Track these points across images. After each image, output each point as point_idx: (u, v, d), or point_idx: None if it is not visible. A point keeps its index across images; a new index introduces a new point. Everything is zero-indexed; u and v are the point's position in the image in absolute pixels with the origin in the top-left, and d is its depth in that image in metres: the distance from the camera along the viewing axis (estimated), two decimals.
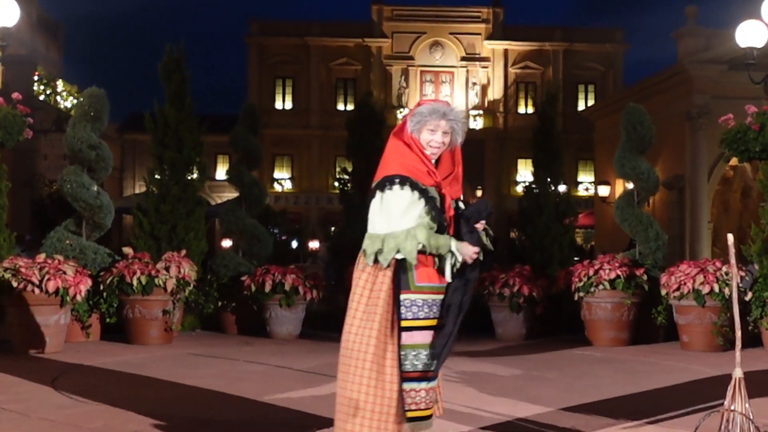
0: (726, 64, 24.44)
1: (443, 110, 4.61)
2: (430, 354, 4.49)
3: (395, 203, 4.46)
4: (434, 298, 4.53)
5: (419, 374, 4.49)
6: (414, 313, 4.48)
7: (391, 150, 4.64)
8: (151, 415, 6.32)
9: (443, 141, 4.60)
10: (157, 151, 13.35)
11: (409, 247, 4.40)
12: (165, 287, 11.17)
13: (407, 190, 4.45)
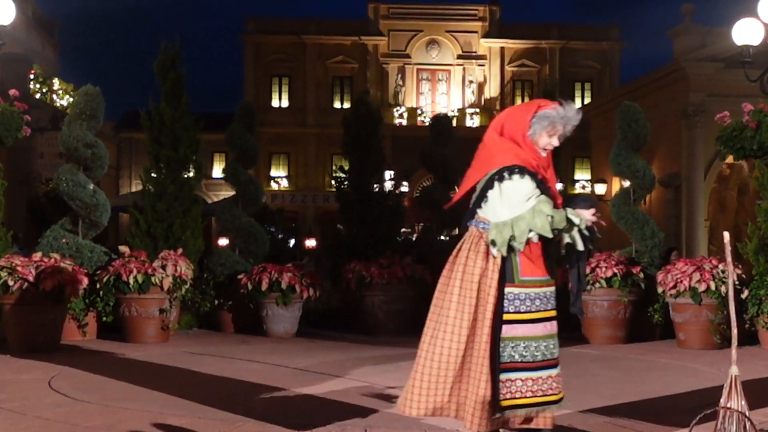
0: (722, 62, 24.47)
1: (569, 117, 4.76)
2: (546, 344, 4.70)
3: (517, 191, 4.65)
4: (537, 292, 4.72)
5: (516, 365, 4.63)
6: (516, 306, 4.66)
7: (498, 145, 4.82)
8: (147, 413, 6.32)
9: (555, 145, 4.81)
10: (153, 149, 13.34)
11: (539, 223, 4.60)
12: (161, 286, 11.16)
13: (527, 179, 4.66)
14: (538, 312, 4.71)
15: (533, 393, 4.66)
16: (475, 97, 46.06)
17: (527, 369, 4.65)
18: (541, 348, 4.70)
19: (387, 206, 15.34)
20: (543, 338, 4.71)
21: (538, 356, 4.68)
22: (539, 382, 4.68)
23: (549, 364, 4.72)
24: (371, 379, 8.22)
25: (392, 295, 13.00)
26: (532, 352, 4.66)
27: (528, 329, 4.67)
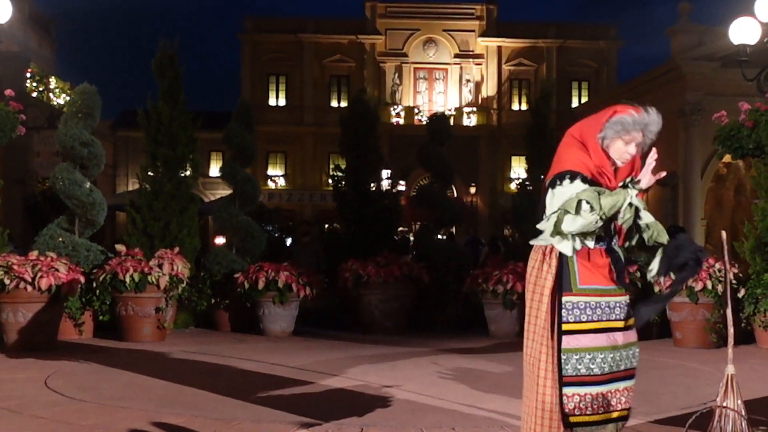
0: (719, 61, 24.49)
1: (645, 122, 4.47)
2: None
3: (566, 192, 4.34)
4: (598, 301, 4.40)
5: (583, 378, 4.37)
6: (576, 316, 4.38)
7: (565, 148, 4.52)
8: (144, 412, 6.31)
9: (633, 153, 4.47)
10: (151, 147, 13.32)
11: (586, 195, 4.25)
12: (158, 284, 11.15)
13: (578, 182, 4.35)
14: (600, 321, 4.39)
15: (605, 409, 4.42)
16: (472, 95, 46.07)
17: (596, 383, 4.38)
18: (608, 360, 4.40)
19: (384, 205, 15.34)
20: (609, 350, 4.41)
21: (605, 368, 4.40)
22: (608, 396, 4.43)
23: (617, 377, 4.43)
24: (368, 378, 8.22)
25: (389, 294, 13.00)
26: (599, 364, 4.39)
27: (591, 339, 4.39)
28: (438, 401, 7.01)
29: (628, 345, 4.47)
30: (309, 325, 13.17)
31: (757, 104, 11.63)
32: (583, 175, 4.36)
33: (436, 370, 8.86)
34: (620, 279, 4.48)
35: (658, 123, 4.51)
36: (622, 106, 4.56)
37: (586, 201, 4.24)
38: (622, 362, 4.45)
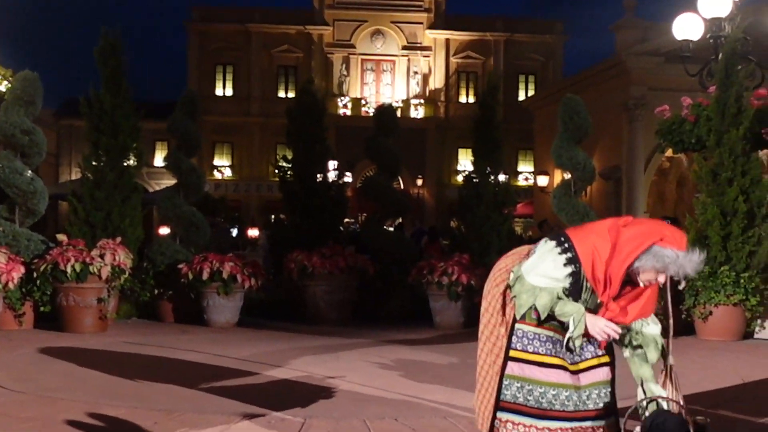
0: (663, 57, 24.76)
1: (684, 264, 4.10)
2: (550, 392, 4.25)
3: (547, 264, 4.17)
4: (550, 335, 4.26)
5: (521, 407, 4.26)
6: (524, 345, 4.27)
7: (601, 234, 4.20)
8: (84, 403, 6.24)
9: (662, 282, 4.18)
10: (93, 136, 13.13)
11: (524, 300, 4.16)
12: (100, 275, 11.01)
13: (569, 269, 4.15)
14: (548, 356, 4.28)
15: None
16: (420, 88, 46.18)
17: (528, 414, 4.25)
18: (547, 396, 4.24)
19: (330, 196, 15.28)
20: (552, 386, 4.25)
21: (543, 404, 4.24)
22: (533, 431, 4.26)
23: (557, 416, 4.24)
24: (312, 369, 8.20)
25: (334, 285, 12.98)
26: (537, 398, 4.25)
27: (535, 371, 4.26)
28: (381, 392, 7.02)
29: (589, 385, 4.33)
30: (254, 317, 13.10)
31: (699, 99, 11.79)
32: (578, 266, 4.14)
33: (380, 361, 8.87)
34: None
35: (693, 269, 4.13)
36: (672, 235, 4.20)
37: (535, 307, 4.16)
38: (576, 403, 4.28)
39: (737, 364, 8.70)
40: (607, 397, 4.38)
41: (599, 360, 4.39)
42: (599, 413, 4.33)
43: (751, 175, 11.01)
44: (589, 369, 4.36)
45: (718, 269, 10.74)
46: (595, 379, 4.36)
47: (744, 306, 10.63)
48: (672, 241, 4.14)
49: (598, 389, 4.35)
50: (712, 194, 11.10)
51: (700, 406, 6.08)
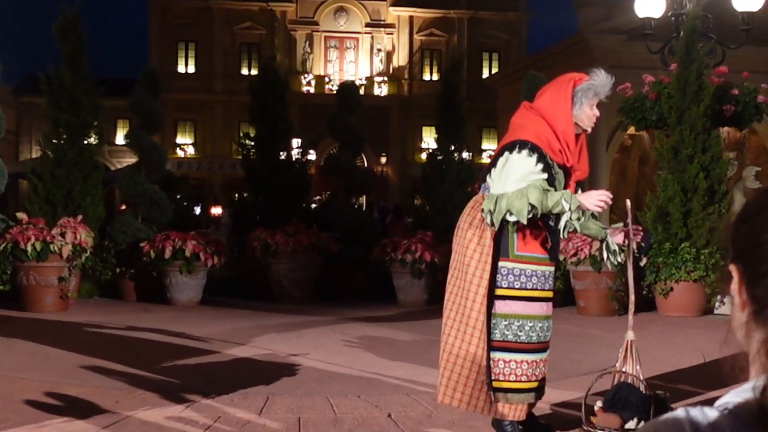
0: (625, 34, 24.85)
1: (606, 82, 4.59)
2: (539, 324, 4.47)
3: (517, 167, 4.35)
4: (534, 269, 4.43)
5: (509, 344, 4.39)
6: (509, 282, 4.40)
7: (526, 119, 4.53)
8: (45, 382, 6.18)
9: (598, 115, 4.60)
10: (53, 114, 12.98)
11: (518, 205, 4.28)
12: (60, 253, 10.92)
13: (534, 158, 4.36)
14: (534, 290, 4.45)
15: (527, 377, 4.43)
16: (384, 65, 46.04)
17: (522, 351, 4.41)
18: (536, 329, 4.44)
19: (293, 174, 15.23)
20: (539, 319, 4.45)
21: (533, 338, 4.42)
22: (533, 366, 4.45)
23: (542, 347, 4.50)
24: (275, 347, 8.19)
25: (297, 263, 12.96)
26: (527, 333, 4.41)
27: (523, 307, 4.41)
28: (344, 369, 7.03)
29: (551, 316, 4.60)
30: (217, 295, 13.06)
31: (660, 77, 11.86)
32: (541, 151, 4.37)
33: (343, 338, 8.88)
34: (554, 251, 4.54)
35: (611, 82, 4.65)
36: (576, 74, 4.68)
37: (531, 205, 4.27)
38: (549, 332, 4.55)
39: (697, 339, 8.79)
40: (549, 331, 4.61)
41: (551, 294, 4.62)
42: (546, 345, 4.59)
43: (712, 152, 11.10)
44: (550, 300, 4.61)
45: (679, 246, 10.84)
46: (550, 312, 4.60)
47: (704, 282, 10.74)
48: (580, 77, 4.61)
49: (551, 321, 4.61)
50: (672, 171, 11.19)
51: (659, 380, 6.15)
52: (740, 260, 1.17)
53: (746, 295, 1.16)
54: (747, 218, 1.17)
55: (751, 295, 1.15)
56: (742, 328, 1.19)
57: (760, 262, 1.12)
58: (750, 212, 1.17)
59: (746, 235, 1.16)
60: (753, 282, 1.14)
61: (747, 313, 1.16)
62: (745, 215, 1.18)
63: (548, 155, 4.37)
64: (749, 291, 1.15)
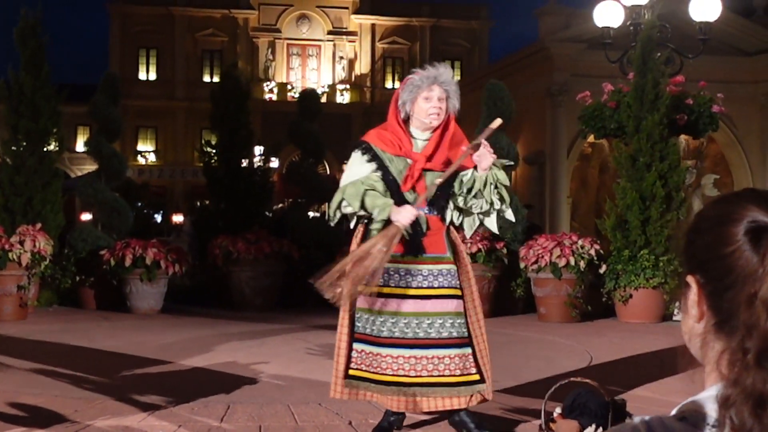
0: (585, 43, 25.08)
1: (434, 75, 4.62)
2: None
3: (350, 164, 4.73)
4: (407, 267, 4.60)
5: (361, 336, 4.61)
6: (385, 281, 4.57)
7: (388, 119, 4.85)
8: (2, 393, 6.13)
9: (440, 107, 4.64)
10: (12, 120, 12.87)
11: (335, 199, 4.60)
12: (19, 262, 10.82)
13: (358, 155, 4.71)
14: (389, 287, 4.60)
15: (373, 369, 4.59)
16: (346, 73, 46.08)
17: (369, 342, 4.61)
18: (387, 324, 4.56)
19: (255, 181, 15.22)
20: (384, 314, 4.58)
21: (384, 332, 4.57)
22: (378, 359, 4.58)
23: (397, 343, 4.57)
24: (236, 355, 8.17)
25: (259, 271, 12.93)
26: (372, 326, 4.58)
27: (366, 301, 4.61)
28: (306, 376, 7.03)
29: (424, 314, 4.57)
30: (178, 303, 12.99)
31: (619, 86, 11.99)
32: (368, 145, 4.75)
33: (305, 346, 8.88)
34: (411, 247, 4.60)
35: (446, 73, 4.68)
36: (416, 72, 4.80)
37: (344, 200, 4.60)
38: (409, 330, 4.54)
39: (656, 345, 8.89)
40: (456, 328, 4.61)
41: (451, 291, 4.64)
42: (445, 342, 4.58)
43: (669, 160, 11.24)
44: (438, 297, 4.61)
45: (638, 253, 10.96)
46: (444, 309, 4.60)
47: (663, 289, 10.87)
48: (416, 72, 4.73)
49: (443, 319, 4.58)
50: (631, 179, 11.31)
51: (618, 386, 6.21)
52: (700, 272, 1.17)
53: (706, 306, 1.17)
54: (705, 229, 1.17)
55: (713, 306, 1.16)
56: (697, 338, 1.20)
57: (724, 274, 1.13)
58: (708, 223, 1.18)
59: (706, 246, 1.16)
60: (716, 293, 1.15)
61: (705, 324, 1.18)
62: (702, 226, 1.18)
63: (381, 148, 4.69)
64: (710, 302, 1.16)
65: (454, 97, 4.71)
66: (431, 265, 4.61)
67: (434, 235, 4.65)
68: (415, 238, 4.59)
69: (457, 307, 4.64)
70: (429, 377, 4.53)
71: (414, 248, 4.61)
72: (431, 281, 4.59)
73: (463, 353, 4.61)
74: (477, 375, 4.67)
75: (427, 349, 4.54)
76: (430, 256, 4.62)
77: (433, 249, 4.63)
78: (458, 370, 4.58)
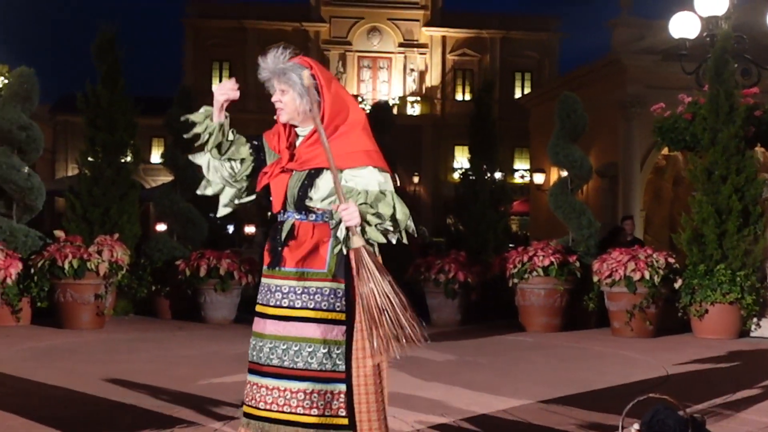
0: (659, 54, 24.79)
1: (269, 67, 3.94)
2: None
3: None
4: (267, 283, 3.88)
5: (250, 364, 3.87)
6: (260, 296, 3.91)
7: None
8: (80, 397, 6.25)
9: (280, 99, 3.94)
10: (90, 132, 13.14)
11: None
12: (97, 271, 11.03)
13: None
14: (259, 305, 3.89)
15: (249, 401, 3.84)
16: (416, 85, 46.17)
17: (252, 371, 3.85)
18: (265, 349, 3.80)
19: None
20: (264, 338, 3.81)
21: (262, 358, 3.80)
22: (252, 389, 3.82)
23: (262, 371, 3.79)
24: None
25: None
26: (254, 351, 3.84)
27: (254, 323, 3.90)
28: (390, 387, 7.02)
29: (281, 338, 3.79)
30: (251, 313, 13.07)
31: (696, 97, 11.82)
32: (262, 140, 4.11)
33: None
34: (273, 260, 3.87)
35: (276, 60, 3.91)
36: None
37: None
38: (274, 356, 3.77)
39: (733, 361, 8.72)
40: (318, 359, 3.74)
41: (322, 315, 3.76)
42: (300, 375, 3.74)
43: (746, 173, 11.03)
44: (298, 320, 3.78)
45: (714, 267, 10.77)
46: (302, 335, 3.76)
47: (740, 304, 10.67)
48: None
49: (299, 346, 3.75)
50: (707, 192, 11.13)
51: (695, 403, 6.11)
52: None
53: None
54: None
55: None
56: None
57: None
58: None
59: None
60: None
61: None
62: None
63: (268, 143, 4.08)
64: None
65: (296, 88, 3.88)
66: (294, 281, 3.79)
67: (303, 245, 3.81)
68: (275, 248, 3.88)
69: (326, 334, 3.74)
70: (279, 412, 3.73)
71: (274, 260, 3.87)
72: (292, 300, 3.78)
73: (327, 389, 3.73)
74: (345, 419, 3.74)
75: (278, 379, 3.75)
76: (294, 270, 3.80)
77: (300, 262, 3.79)
78: (315, 409, 3.70)
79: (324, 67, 4.00)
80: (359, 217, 3.70)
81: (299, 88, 3.86)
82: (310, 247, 3.80)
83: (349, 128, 3.89)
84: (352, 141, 3.87)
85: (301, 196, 3.84)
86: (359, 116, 3.96)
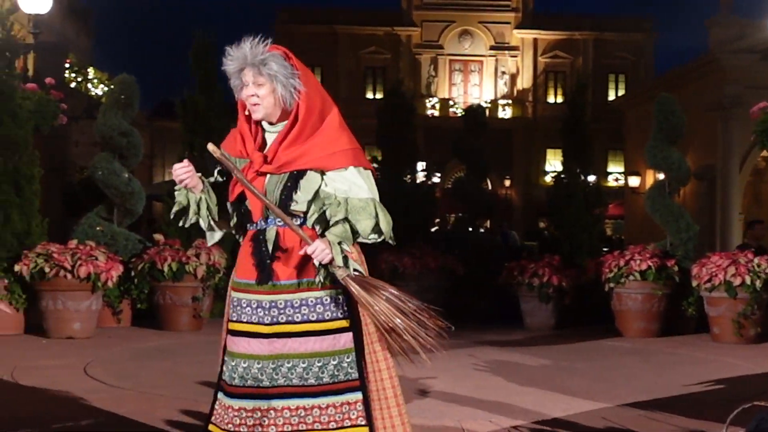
0: (759, 54, 24.21)
1: (242, 55, 3.67)
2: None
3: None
4: (248, 299, 3.59)
5: (223, 385, 3.60)
6: (230, 313, 3.66)
7: None
8: (182, 399, 6.36)
9: (257, 93, 3.61)
10: (187, 138, 13.39)
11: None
12: (195, 274, 11.21)
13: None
14: (239, 323, 3.59)
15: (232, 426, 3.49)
16: (508, 88, 45.93)
17: (228, 394, 3.54)
18: (238, 369, 3.52)
19: (418, 197, 15.33)
20: (242, 357, 3.53)
21: (235, 380, 3.51)
22: (240, 413, 3.49)
23: (250, 393, 3.49)
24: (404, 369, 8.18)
25: (424, 286, 12.95)
26: (230, 373, 3.55)
27: (233, 343, 3.59)
28: (474, 393, 7.02)
29: (287, 356, 3.51)
30: None
31: None
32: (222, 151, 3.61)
33: (472, 362, 8.85)
34: (262, 275, 3.58)
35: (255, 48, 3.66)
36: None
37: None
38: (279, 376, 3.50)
39: None
40: (330, 371, 3.55)
41: (325, 326, 3.55)
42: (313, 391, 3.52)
43: None
44: (300, 335, 3.53)
45: None
46: (307, 350, 3.52)
47: None
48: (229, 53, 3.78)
49: (308, 362, 3.51)
50: None
51: None
52: None
53: None
54: None
55: None
56: None
57: None
58: None
59: None
60: None
61: None
62: None
63: (227, 151, 3.67)
64: None
65: (280, 81, 3.59)
66: (291, 294, 3.54)
67: (293, 255, 3.54)
68: (262, 263, 3.57)
69: (334, 345, 3.55)
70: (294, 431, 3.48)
71: (263, 275, 3.57)
72: (290, 315, 3.53)
73: (343, 401, 3.55)
74: (365, 427, 3.55)
75: (288, 399, 3.49)
76: (289, 283, 3.54)
77: (294, 274, 3.54)
78: (333, 422, 3.51)
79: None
80: (329, 251, 3.47)
81: (281, 79, 3.57)
82: (301, 256, 3.51)
83: (327, 126, 3.73)
84: (332, 140, 3.72)
85: (284, 200, 3.56)
86: (335, 111, 3.82)
